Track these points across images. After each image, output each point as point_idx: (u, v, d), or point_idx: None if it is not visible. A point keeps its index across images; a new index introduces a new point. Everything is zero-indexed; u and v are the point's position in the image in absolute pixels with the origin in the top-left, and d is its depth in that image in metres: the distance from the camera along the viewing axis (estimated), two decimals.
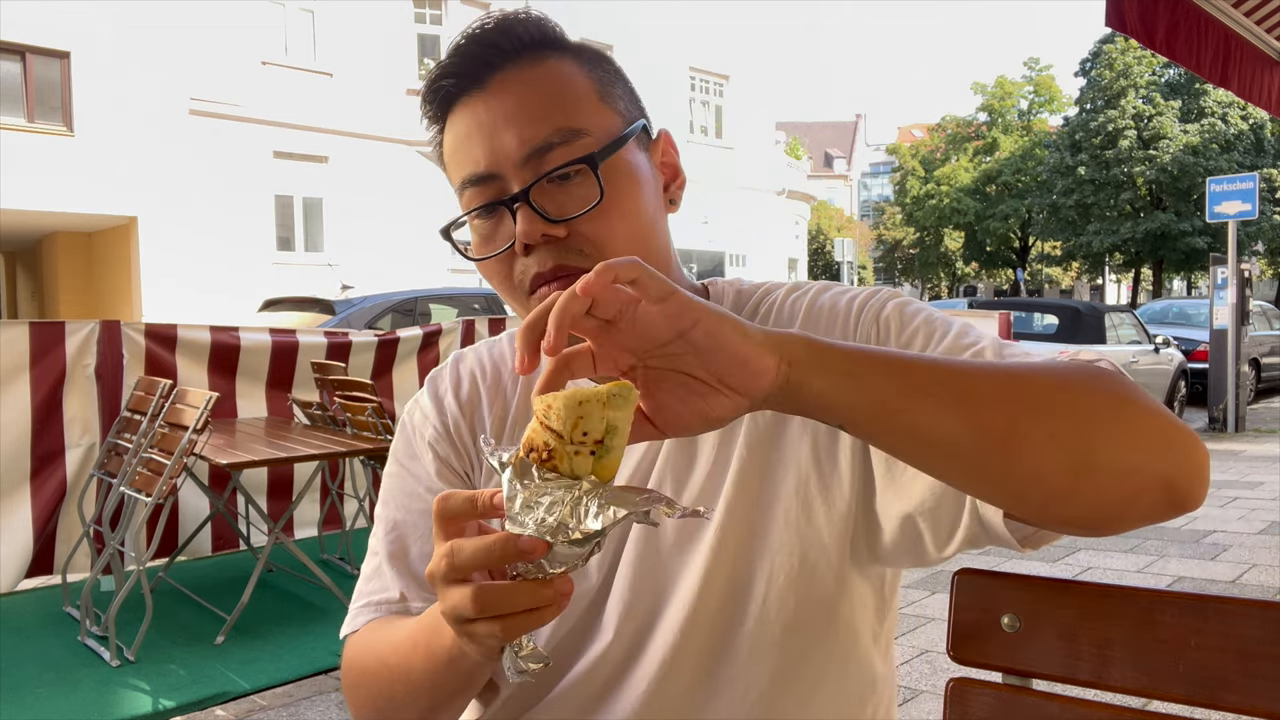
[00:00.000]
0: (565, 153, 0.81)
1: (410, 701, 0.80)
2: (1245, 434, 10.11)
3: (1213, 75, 3.82)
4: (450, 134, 0.86)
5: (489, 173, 0.83)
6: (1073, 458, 0.64)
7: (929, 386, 0.63)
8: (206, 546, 4.97)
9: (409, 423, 0.97)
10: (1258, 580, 4.64)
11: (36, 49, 13.64)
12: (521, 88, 0.83)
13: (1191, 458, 0.66)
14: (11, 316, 16.90)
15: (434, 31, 18.24)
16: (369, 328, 7.25)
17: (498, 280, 0.86)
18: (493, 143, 0.82)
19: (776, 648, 0.83)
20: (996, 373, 0.66)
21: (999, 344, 0.80)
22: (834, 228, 42.79)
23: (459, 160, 0.85)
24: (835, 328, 0.86)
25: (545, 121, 0.82)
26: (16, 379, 4.36)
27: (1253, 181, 10.14)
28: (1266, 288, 37.22)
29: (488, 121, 0.83)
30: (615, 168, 0.83)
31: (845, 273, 22.16)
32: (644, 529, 0.85)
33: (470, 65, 0.84)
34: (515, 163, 0.82)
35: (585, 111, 0.84)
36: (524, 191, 0.80)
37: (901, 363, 0.64)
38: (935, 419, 0.62)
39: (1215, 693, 0.74)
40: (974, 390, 0.64)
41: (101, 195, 14.06)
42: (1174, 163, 29.65)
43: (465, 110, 0.85)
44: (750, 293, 0.94)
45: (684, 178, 0.93)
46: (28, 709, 3.20)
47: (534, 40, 0.86)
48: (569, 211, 0.81)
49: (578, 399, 0.56)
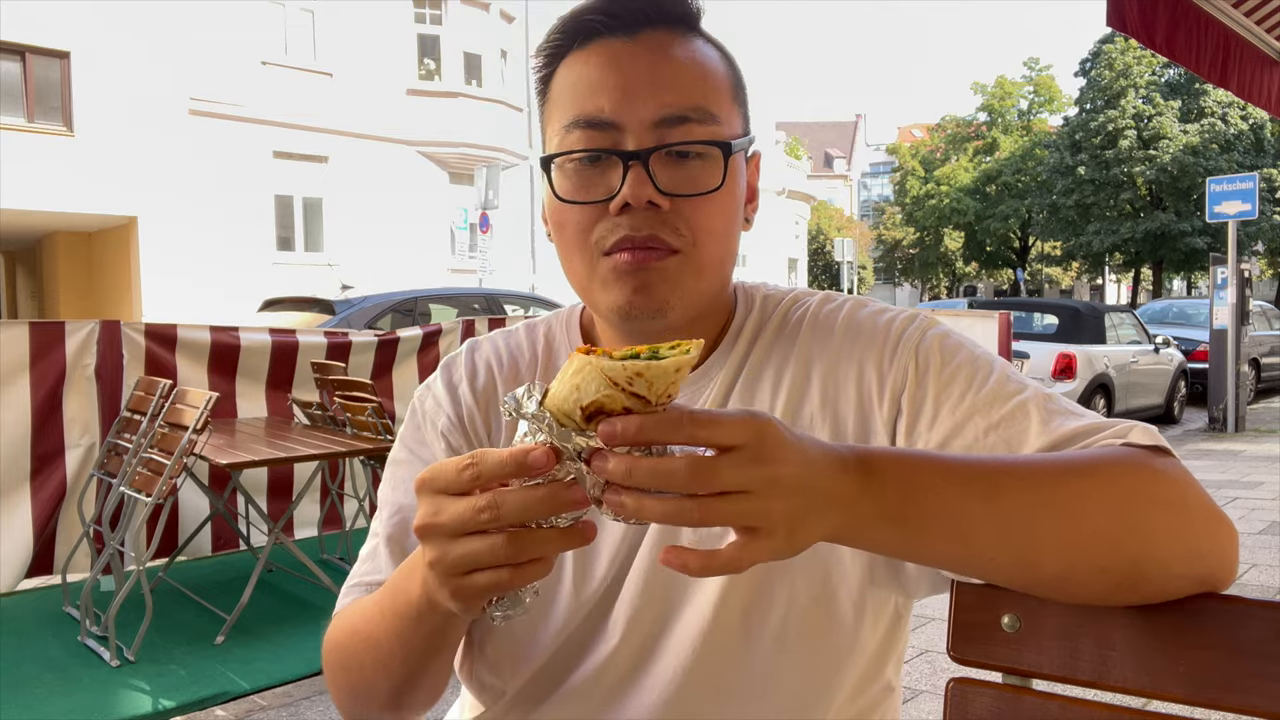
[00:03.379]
0: (698, 131, 0.80)
1: (381, 670, 0.78)
2: (1245, 434, 10.11)
3: (1212, 75, 3.82)
4: (573, 68, 0.83)
5: (611, 120, 0.80)
6: (1120, 582, 0.68)
7: (987, 546, 0.66)
8: (206, 546, 4.97)
9: (420, 409, 0.95)
10: (1258, 580, 4.65)
11: (36, 49, 13.64)
12: (672, 53, 0.82)
13: (1229, 552, 0.70)
14: (11, 316, 16.89)
15: (434, 31, 18.23)
16: (369, 328, 7.24)
17: (571, 230, 0.83)
18: (628, 93, 0.80)
19: (795, 665, 0.83)
20: (1056, 509, 0.66)
21: (1042, 399, 0.79)
22: (834, 228, 42.79)
23: (577, 96, 0.82)
24: (873, 349, 0.85)
25: (688, 94, 0.81)
26: (16, 379, 4.36)
27: (1253, 181, 10.14)
28: (1266, 288, 37.22)
29: (629, 71, 0.80)
30: (733, 166, 0.83)
31: (845, 273, 22.17)
32: (660, 535, 0.84)
33: (627, 12, 0.82)
34: (645, 122, 0.79)
35: (722, 102, 0.84)
36: (646, 151, 0.79)
37: (957, 516, 0.64)
38: (991, 569, 0.68)
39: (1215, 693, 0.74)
40: (1033, 541, 0.66)
41: (101, 195, 14.06)
42: (1174, 163, 29.66)
43: (604, 50, 0.82)
44: (778, 298, 0.94)
45: (759, 202, 0.94)
46: (28, 709, 3.20)
47: (692, 17, 0.85)
48: (681, 188, 0.80)
49: (674, 367, 0.55)
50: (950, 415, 0.80)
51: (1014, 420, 0.77)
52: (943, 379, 0.81)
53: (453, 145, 17.90)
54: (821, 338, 0.88)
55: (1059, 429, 0.75)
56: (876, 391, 0.84)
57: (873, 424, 0.84)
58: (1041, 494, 0.66)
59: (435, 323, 6.79)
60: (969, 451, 0.78)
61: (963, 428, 0.79)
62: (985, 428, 0.78)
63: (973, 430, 0.78)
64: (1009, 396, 0.78)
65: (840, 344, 0.87)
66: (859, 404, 0.85)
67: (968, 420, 0.79)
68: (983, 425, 0.78)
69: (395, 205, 17.04)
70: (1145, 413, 10.84)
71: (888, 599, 0.87)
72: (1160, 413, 11.13)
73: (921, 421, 0.81)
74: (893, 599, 0.88)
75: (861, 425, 0.84)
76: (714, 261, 0.84)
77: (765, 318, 0.91)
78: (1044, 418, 0.76)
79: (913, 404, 0.82)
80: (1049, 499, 0.66)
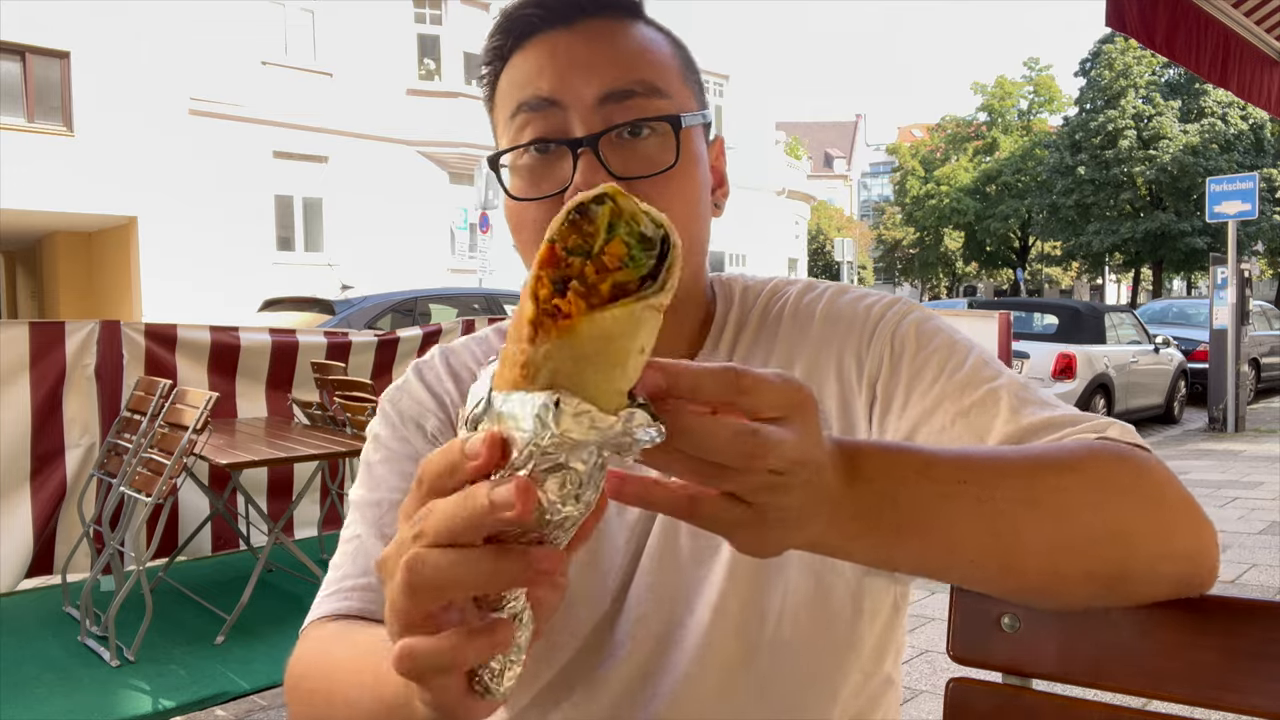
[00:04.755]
0: (646, 105, 0.77)
1: None
2: (1245, 434, 10.10)
3: (1212, 75, 3.82)
4: (516, 67, 0.80)
5: (552, 98, 0.76)
6: (1105, 586, 0.66)
7: (971, 552, 0.60)
8: (206, 546, 4.96)
9: (393, 410, 0.89)
10: (1258, 580, 4.64)
11: (36, 49, 13.63)
12: (610, 36, 0.79)
13: (1212, 553, 0.68)
14: (11, 316, 16.89)
15: (434, 31, 18.23)
16: (369, 328, 7.24)
17: (529, 230, 0.78)
18: (567, 76, 0.76)
19: (795, 661, 0.82)
20: (1044, 510, 0.60)
21: (1016, 387, 0.75)
22: (834, 228, 42.81)
23: (518, 86, 0.78)
24: (852, 335, 0.83)
25: (630, 70, 0.77)
26: (16, 379, 4.36)
27: (1253, 181, 10.14)
28: (1266, 288, 37.20)
29: (565, 57, 0.77)
30: (688, 143, 0.79)
31: (845, 273, 22.17)
32: (660, 543, 0.82)
33: (561, 3, 0.79)
34: (588, 103, 0.76)
35: (670, 79, 0.80)
36: (594, 136, 0.75)
37: (941, 520, 0.57)
38: (972, 576, 0.63)
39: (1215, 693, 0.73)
40: (1020, 545, 0.60)
41: (101, 195, 14.06)
42: (1174, 163, 29.66)
43: (542, 43, 0.78)
44: (758, 290, 0.91)
45: (729, 187, 0.89)
46: (28, 709, 3.20)
47: (633, 4, 0.82)
48: (634, 170, 0.75)
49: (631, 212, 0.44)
50: (920, 401, 0.77)
51: (984, 407, 0.74)
52: (916, 364, 0.79)
53: (453, 145, 17.89)
54: (802, 328, 0.85)
55: (1029, 418, 0.72)
56: (855, 379, 0.82)
57: (855, 414, 0.82)
58: (1029, 493, 0.60)
59: (435, 323, 6.80)
60: (938, 439, 0.75)
61: (931, 414, 0.76)
62: (954, 414, 0.75)
63: (941, 416, 0.75)
64: (981, 383, 0.75)
65: (820, 333, 0.84)
66: (840, 394, 0.82)
67: (937, 406, 0.76)
68: (952, 411, 0.75)
69: (395, 205, 17.03)
70: (1145, 413, 10.84)
71: (886, 590, 0.86)
72: (1160, 413, 11.13)
73: (894, 407, 0.78)
74: (891, 590, 0.87)
75: (845, 417, 0.82)
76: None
77: (746, 311, 0.89)
78: (1014, 406, 0.73)
79: (886, 390, 0.79)
80: (1037, 498, 0.60)
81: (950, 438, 0.74)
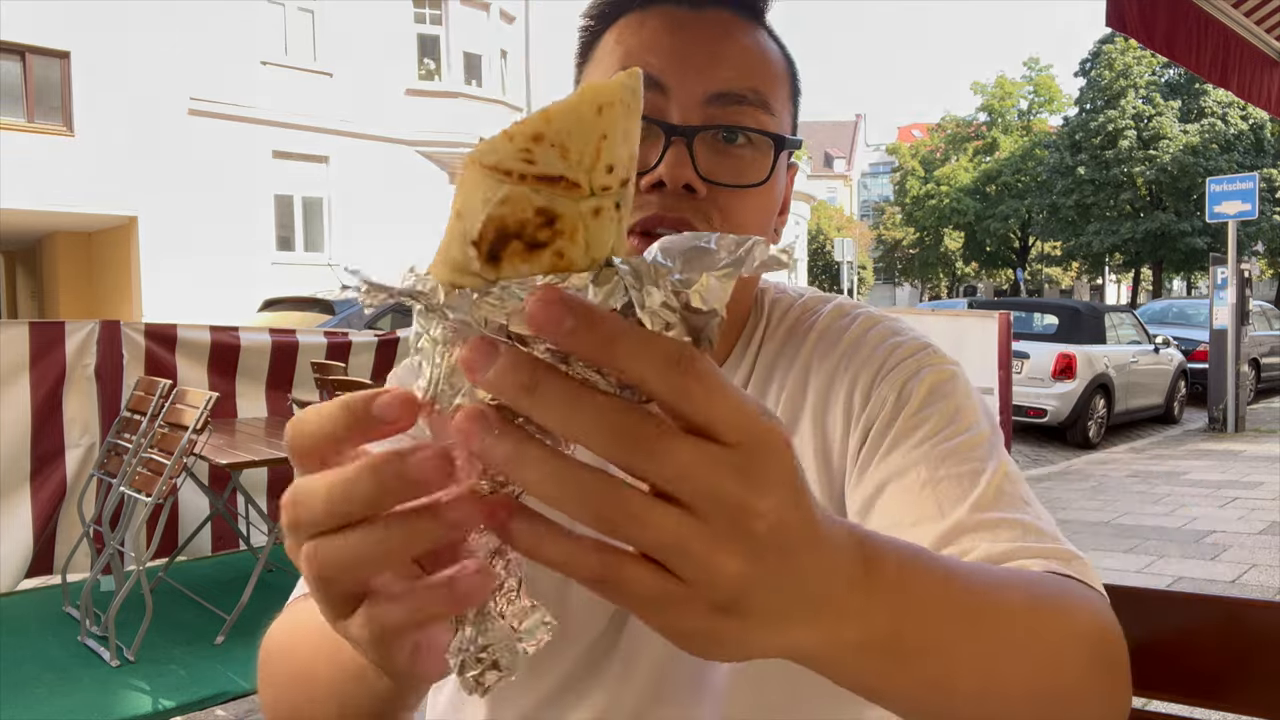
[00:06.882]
0: (754, 116, 0.75)
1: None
2: (1245, 434, 10.10)
3: (1212, 75, 3.82)
4: (627, 27, 0.76)
5: (660, 81, 0.73)
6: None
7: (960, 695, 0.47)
8: (206, 546, 4.97)
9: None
10: (1258, 580, 4.64)
11: (36, 49, 13.64)
12: (735, 35, 0.76)
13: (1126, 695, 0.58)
14: (11, 316, 16.87)
15: (434, 32, 18.23)
16: (369, 328, 7.24)
17: None
18: (684, 60, 0.73)
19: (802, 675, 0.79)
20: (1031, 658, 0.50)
21: (998, 480, 0.68)
22: (834, 228, 42.76)
23: (628, 52, 0.75)
24: (868, 367, 0.79)
25: (747, 76, 0.75)
26: (16, 379, 4.36)
27: (1253, 181, 10.15)
28: (1266, 288, 37.19)
29: (689, 38, 0.74)
30: (778, 165, 0.78)
31: (845, 273, 22.16)
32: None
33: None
34: (697, 97, 0.73)
35: (779, 95, 0.79)
36: (693, 129, 0.72)
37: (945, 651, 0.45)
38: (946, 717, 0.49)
39: (1215, 693, 0.73)
40: (1003, 690, 0.49)
41: (101, 195, 14.07)
42: (1174, 163, 29.67)
43: (665, 15, 0.75)
44: (787, 304, 0.88)
45: (789, 214, 0.87)
46: (28, 709, 3.20)
47: (759, 8, 0.80)
48: (721, 176, 0.73)
49: (594, 105, 0.32)
50: (901, 457, 0.72)
51: (957, 483, 0.68)
52: (914, 419, 0.74)
53: (453, 145, 17.89)
54: (826, 349, 0.83)
55: (993, 515, 0.65)
56: (858, 412, 0.78)
57: (848, 447, 0.78)
58: (1014, 635, 0.50)
59: None
60: (899, 499, 0.70)
61: (905, 473, 0.71)
62: (924, 481, 0.69)
63: (914, 477, 0.70)
64: (966, 461, 0.69)
65: (841, 358, 0.81)
66: (843, 423, 0.79)
67: (912, 467, 0.71)
68: (924, 476, 0.69)
69: (395, 205, 17.03)
70: (1145, 413, 10.84)
71: None
72: (1160, 413, 11.13)
73: (878, 454, 0.74)
74: None
75: (842, 443, 0.79)
76: None
77: (773, 325, 0.87)
78: (978, 502, 0.66)
79: (878, 435, 0.75)
80: (1022, 643, 0.50)
81: (908, 504, 0.69)
